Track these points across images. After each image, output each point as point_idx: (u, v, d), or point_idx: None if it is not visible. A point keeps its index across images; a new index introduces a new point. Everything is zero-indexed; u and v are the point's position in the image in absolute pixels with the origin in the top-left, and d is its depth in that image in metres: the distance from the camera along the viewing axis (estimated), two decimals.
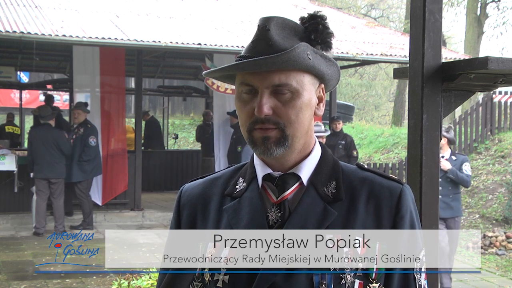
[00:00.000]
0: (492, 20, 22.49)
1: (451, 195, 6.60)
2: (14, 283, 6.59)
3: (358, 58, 10.76)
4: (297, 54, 1.26)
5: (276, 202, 1.33)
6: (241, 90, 1.32)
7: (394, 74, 2.79)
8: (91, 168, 9.72)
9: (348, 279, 1.25)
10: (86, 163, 9.62)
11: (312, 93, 1.33)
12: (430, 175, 2.30)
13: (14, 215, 9.94)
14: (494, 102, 13.25)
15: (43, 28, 9.18)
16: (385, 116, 29.53)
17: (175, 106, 21.99)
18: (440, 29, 2.32)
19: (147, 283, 4.95)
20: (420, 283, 1.32)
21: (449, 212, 6.55)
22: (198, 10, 12.16)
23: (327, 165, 1.37)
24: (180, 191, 1.48)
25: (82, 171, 9.60)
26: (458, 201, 6.74)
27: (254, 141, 1.31)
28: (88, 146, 9.62)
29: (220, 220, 1.36)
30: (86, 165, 9.63)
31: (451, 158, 6.72)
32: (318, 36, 1.33)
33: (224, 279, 1.31)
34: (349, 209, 1.31)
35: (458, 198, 6.75)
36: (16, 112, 16.12)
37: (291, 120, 1.29)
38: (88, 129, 9.69)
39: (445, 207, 6.55)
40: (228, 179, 1.43)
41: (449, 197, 6.58)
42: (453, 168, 6.59)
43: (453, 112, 7.99)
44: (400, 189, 1.32)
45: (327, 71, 1.35)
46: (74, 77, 11.09)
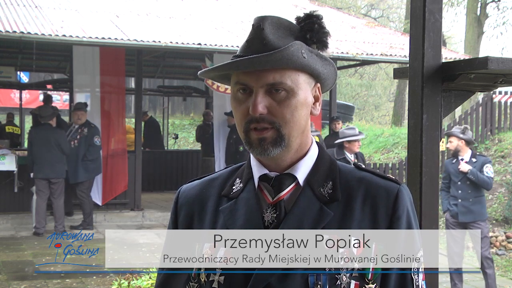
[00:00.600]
0: (492, 20, 22.51)
1: (471, 199, 6.37)
2: (14, 283, 6.59)
3: (358, 58, 10.76)
4: (291, 52, 1.26)
5: (272, 203, 1.32)
6: (236, 89, 1.32)
7: (394, 74, 2.79)
8: (93, 167, 9.78)
9: (344, 280, 1.25)
10: (90, 163, 9.68)
11: (307, 92, 1.32)
12: (430, 175, 2.30)
13: (14, 215, 9.94)
14: (494, 102, 13.25)
15: (43, 28, 9.18)
16: (385, 116, 29.53)
17: (175, 106, 21.99)
18: (440, 29, 2.32)
19: (147, 283, 4.95)
20: (417, 284, 1.31)
21: (470, 217, 6.34)
22: (198, 10, 12.16)
23: (323, 165, 1.36)
24: (178, 192, 1.48)
25: (87, 170, 9.66)
26: (480, 205, 6.44)
27: (250, 142, 1.30)
28: (93, 145, 9.68)
29: (216, 221, 1.36)
30: (90, 165, 9.69)
31: (471, 160, 6.48)
32: (314, 35, 1.33)
33: (219, 280, 1.30)
34: (345, 210, 1.30)
35: (480, 201, 6.45)
36: (16, 112, 16.12)
37: (286, 119, 1.28)
38: (92, 129, 9.75)
39: (465, 211, 6.36)
40: (225, 180, 1.43)
41: (469, 201, 6.36)
42: (473, 169, 6.36)
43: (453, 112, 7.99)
44: (397, 189, 1.31)
45: (323, 70, 1.34)
46: (74, 77, 11.09)
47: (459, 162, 6.53)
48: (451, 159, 6.74)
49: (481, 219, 6.42)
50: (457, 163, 6.54)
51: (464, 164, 6.43)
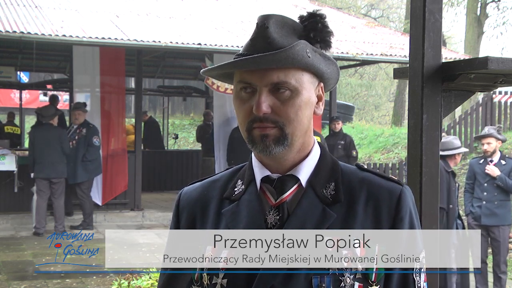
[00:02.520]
0: (492, 20, 22.49)
1: (496, 202, 6.16)
2: (14, 283, 6.59)
3: (358, 58, 10.76)
4: (296, 51, 1.25)
5: (274, 205, 1.31)
6: (239, 88, 1.31)
7: (394, 74, 2.79)
8: (93, 168, 9.76)
9: (348, 282, 1.24)
10: (90, 163, 9.65)
11: (311, 91, 1.31)
12: (430, 175, 2.30)
13: (14, 215, 9.94)
14: (494, 102, 13.26)
15: (43, 28, 9.18)
16: (385, 116, 29.53)
17: (175, 106, 21.99)
18: (440, 29, 2.32)
19: (147, 283, 4.95)
20: (419, 285, 1.30)
21: (493, 220, 6.16)
22: (198, 10, 12.16)
23: (326, 166, 1.35)
24: (179, 194, 1.47)
25: (86, 171, 9.63)
26: (505, 208, 6.22)
27: (253, 140, 1.29)
28: (92, 146, 9.65)
29: (218, 223, 1.35)
30: (89, 165, 9.66)
31: (500, 162, 6.19)
32: (317, 34, 1.32)
33: (222, 283, 1.29)
34: (348, 211, 1.29)
35: (505, 205, 6.24)
36: (16, 112, 16.12)
37: (290, 119, 1.27)
38: (90, 129, 9.72)
39: (488, 214, 6.17)
40: (226, 182, 1.41)
41: (494, 204, 6.16)
42: (502, 175, 6.09)
43: (453, 112, 7.98)
44: (400, 190, 1.31)
45: (326, 70, 1.34)
46: (74, 77, 11.09)
47: (488, 163, 6.28)
48: (478, 159, 6.48)
49: (504, 223, 6.24)
50: (485, 164, 6.28)
51: (493, 167, 6.18)
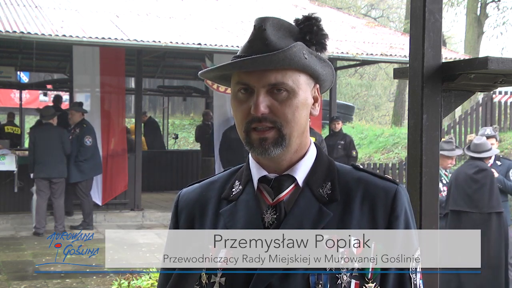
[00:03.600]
0: (492, 20, 22.48)
1: None
2: (14, 283, 6.59)
3: (358, 58, 10.77)
4: (293, 53, 1.27)
5: (271, 204, 1.33)
6: (237, 89, 1.32)
7: (394, 74, 2.79)
8: (89, 168, 9.67)
9: (344, 279, 1.26)
10: (82, 163, 9.55)
11: (307, 92, 1.34)
12: (430, 175, 2.30)
13: (14, 215, 9.94)
14: (494, 102, 13.27)
15: (43, 28, 9.18)
16: (385, 116, 29.53)
17: (175, 106, 21.98)
18: (440, 29, 2.32)
19: (147, 283, 4.96)
20: (415, 283, 1.32)
21: None
22: (198, 10, 12.16)
23: (322, 166, 1.37)
24: (178, 196, 1.48)
25: (80, 171, 9.56)
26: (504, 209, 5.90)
27: (251, 143, 1.31)
28: (84, 146, 9.54)
29: (217, 223, 1.37)
30: (83, 165, 9.57)
31: (495, 163, 6.01)
32: (313, 37, 1.34)
33: (220, 281, 1.31)
34: (344, 210, 1.31)
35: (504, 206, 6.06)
36: (16, 112, 16.12)
37: (288, 119, 1.29)
38: (83, 129, 9.62)
39: None
40: (224, 183, 1.43)
41: None
42: (501, 177, 5.94)
43: (453, 112, 7.98)
44: (395, 189, 1.33)
45: (322, 71, 1.36)
46: (74, 77, 11.09)
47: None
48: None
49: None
50: None
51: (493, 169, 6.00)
